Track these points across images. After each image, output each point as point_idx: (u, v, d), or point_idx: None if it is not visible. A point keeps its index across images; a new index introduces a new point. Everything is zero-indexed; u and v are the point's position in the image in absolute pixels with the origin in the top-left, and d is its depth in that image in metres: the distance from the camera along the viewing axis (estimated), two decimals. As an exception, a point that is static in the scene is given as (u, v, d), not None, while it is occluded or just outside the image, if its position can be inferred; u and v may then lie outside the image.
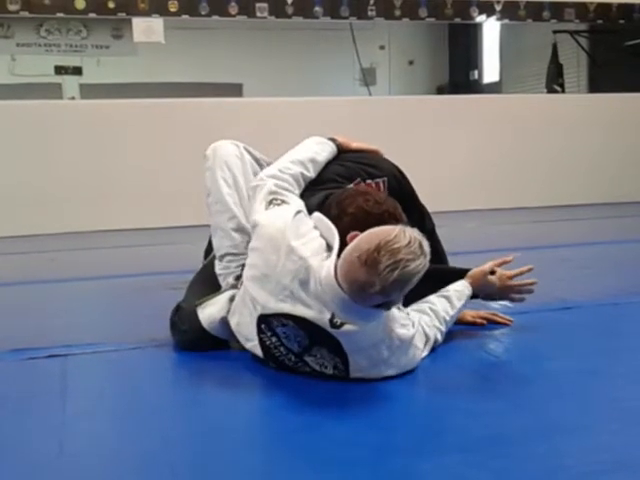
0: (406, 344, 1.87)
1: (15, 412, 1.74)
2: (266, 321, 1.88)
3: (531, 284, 2.27)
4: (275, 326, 1.86)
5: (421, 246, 1.69)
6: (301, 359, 1.85)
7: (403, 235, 1.68)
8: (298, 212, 1.97)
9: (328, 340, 1.77)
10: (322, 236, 1.90)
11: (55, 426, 1.62)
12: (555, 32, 9.23)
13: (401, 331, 1.86)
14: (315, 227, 1.94)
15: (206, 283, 2.21)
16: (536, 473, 1.33)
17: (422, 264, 1.68)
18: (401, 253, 1.65)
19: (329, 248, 1.84)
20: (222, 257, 2.23)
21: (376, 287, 1.65)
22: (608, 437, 1.47)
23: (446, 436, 1.53)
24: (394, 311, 1.86)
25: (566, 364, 1.96)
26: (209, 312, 2.11)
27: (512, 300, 2.32)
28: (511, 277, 2.26)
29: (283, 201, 2.03)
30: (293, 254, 1.83)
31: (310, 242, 1.86)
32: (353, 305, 1.72)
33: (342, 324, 1.74)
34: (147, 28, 6.40)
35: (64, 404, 1.77)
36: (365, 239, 1.72)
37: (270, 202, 2.03)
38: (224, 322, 2.07)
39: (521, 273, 2.27)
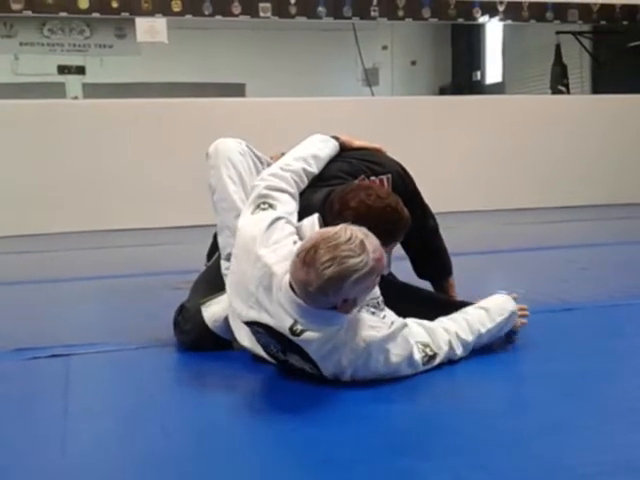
0: (373, 346, 1.79)
1: (18, 411, 1.75)
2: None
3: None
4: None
5: (362, 244, 1.65)
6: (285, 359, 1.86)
7: (344, 232, 1.67)
8: (278, 219, 1.95)
9: (295, 347, 1.77)
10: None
11: (58, 426, 1.63)
12: (558, 33, 9.22)
13: (367, 332, 1.79)
14: (295, 233, 1.92)
15: (211, 283, 2.22)
16: (537, 474, 1.33)
17: (362, 262, 1.64)
18: (338, 250, 1.63)
19: None
20: (228, 256, 2.22)
21: (314, 285, 1.65)
22: (609, 438, 1.47)
23: (446, 437, 1.53)
24: (362, 314, 1.81)
25: (567, 365, 1.97)
26: (213, 311, 2.12)
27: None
28: None
29: (270, 205, 2.02)
30: (259, 261, 1.84)
31: (280, 249, 1.85)
32: (309, 309, 1.70)
33: (302, 332, 1.73)
34: (150, 28, 6.41)
35: (67, 404, 1.78)
36: (308, 238, 1.71)
37: (257, 206, 2.02)
38: (228, 321, 2.07)
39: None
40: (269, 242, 1.88)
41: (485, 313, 2.04)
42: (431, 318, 2.00)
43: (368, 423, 1.60)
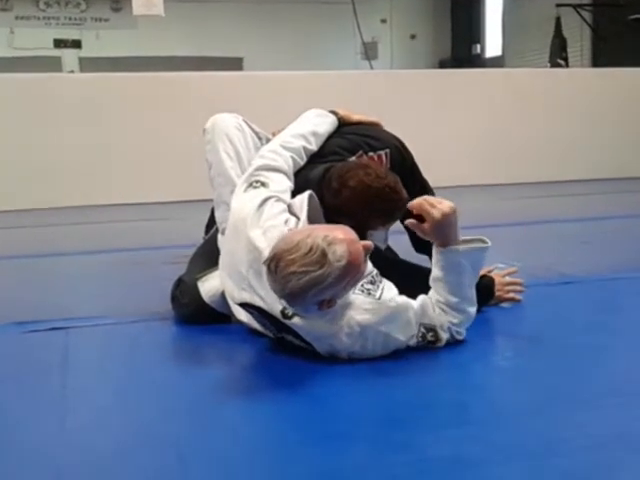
0: (369, 330, 1.76)
1: (17, 385, 1.75)
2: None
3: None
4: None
5: (324, 255, 1.61)
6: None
7: (305, 242, 1.62)
8: (269, 197, 1.92)
9: (288, 328, 1.78)
10: (295, 216, 1.88)
11: (57, 399, 1.63)
12: (558, 6, 9.16)
13: (361, 317, 1.75)
14: (288, 211, 1.90)
15: (208, 257, 2.21)
16: (535, 446, 1.33)
17: (324, 274, 1.60)
18: (296, 264, 1.60)
19: None
20: (225, 231, 2.22)
21: (279, 294, 1.67)
22: (608, 411, 1.48)
23: (445, 410, 1.54)
24: (357, 297, 1.78)
25: (566, 338, 1.96)
26: (210, 285, 2.11)
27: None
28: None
29: (263, 183, 1.98)
30: (250, 244, 1.83)
31: (270, 230, 1.82)
32: None
33: (293, 315, 1.73)
34: (147, 1, 6.34)
35: (65, 377, 1.78)
36: (273, 246, 1.69)
37: (250, 184, 2.00)
38: (224, 296, 2.07)
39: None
40: (260, 222, 1.86)
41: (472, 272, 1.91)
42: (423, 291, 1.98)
43: (367, 396, 1.60)
